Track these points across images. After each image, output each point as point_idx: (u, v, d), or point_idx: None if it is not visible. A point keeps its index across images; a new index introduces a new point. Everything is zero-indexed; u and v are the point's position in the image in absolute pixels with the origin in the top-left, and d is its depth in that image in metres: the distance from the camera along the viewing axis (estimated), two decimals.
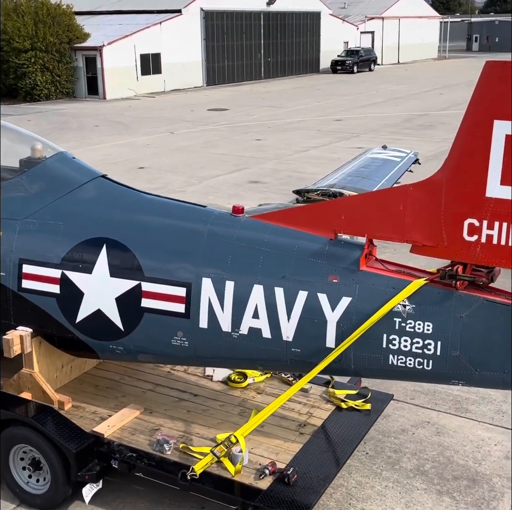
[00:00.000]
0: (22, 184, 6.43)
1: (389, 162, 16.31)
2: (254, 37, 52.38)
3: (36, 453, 5.99)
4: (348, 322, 5.35)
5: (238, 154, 22.71)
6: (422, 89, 43.42)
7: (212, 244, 5.78)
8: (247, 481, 5.59)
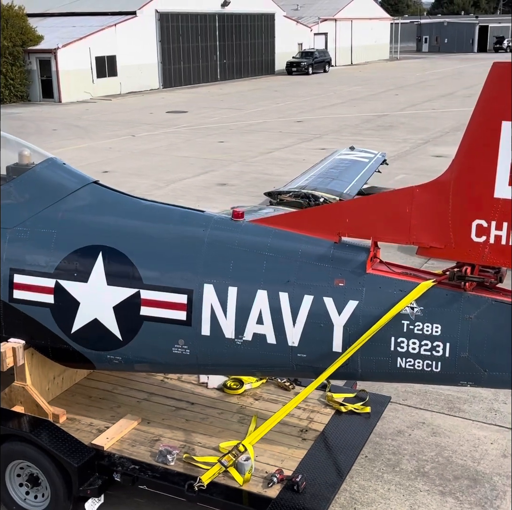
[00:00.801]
0: (10, 191, 6.22)
1: (358, 163, 16.42)
2: (210, 39, 52.24)
3: (35, 468, 5.80)
4: (355, 326, 5.30)
5: (202, 157, 22.57)
6: (377, 90, 43.84)
7: (213, 249, 5.68)
8: (256, 490, 5.50)
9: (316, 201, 13.85)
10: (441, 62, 70.42)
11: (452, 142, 24.28)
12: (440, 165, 20.63)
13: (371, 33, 75.01)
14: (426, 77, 52.67)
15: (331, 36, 69.29)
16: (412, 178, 18.97)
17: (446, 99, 38.12)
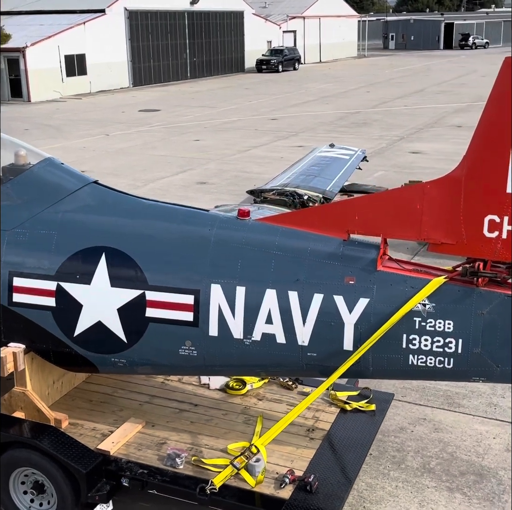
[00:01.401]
0: (8, 192, 6.07)
1: (339, 160, 16.42)
2: (179, 36, 51.97)
3: (40, 475, 5.68)
4: (366, 324, 5.27)
5: (179, 155, 22.42)
6: (348, 87, 44.00)
7: (220, 249, 5.60)
8: (268, 491, 5.44)
9: (301, 198, 13.82)
10: (409, 59, 70.94)
11: (427, 139, 24.53)
12: (417, 162, 20.90)
13: (339, 30, 75.25)
14: (395, 74, 53.02)
15: (300, 33, 69.40)
16: (391, 175, 19.08)
17: (417, 96, 38.39)
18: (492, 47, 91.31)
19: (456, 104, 33.97)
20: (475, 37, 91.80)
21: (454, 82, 45.59)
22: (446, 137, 24.92)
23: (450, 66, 59.73)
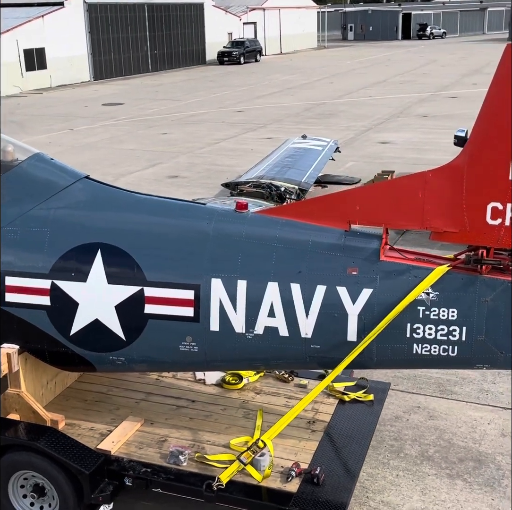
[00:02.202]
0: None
1: (312, 151, 16.44)
2: (140, 29, 51.41)
3: (40, 478, 5.56)
4: (370, 314, 5.25)
5: (148, 149, 22.19)
6: (311, 78, 44.02)
7: (220, 243, 5.53)
8: (275, 486, 5.40)
9: (278, 190, 13.81)
10: (368, 49, 71.29)
11: (394, 129, 24.68)
12: (386, 151, 21.01)
13: (298, 22, 75.23)
14: (357, 64, 53.22)
15: (260, 25, 69.19)
16: (362, 165, 19.15)
17: (380, 86, 38.58)
18: (449, 37, 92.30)
19: (420, 94, 34.24)
20: (433, 27, 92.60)
21: (415, 72, 45.92)
22: (413, 126, 25.09)
23: (409, 56, 60.16)
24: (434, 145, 21.54)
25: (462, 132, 13.69)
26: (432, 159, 19.58)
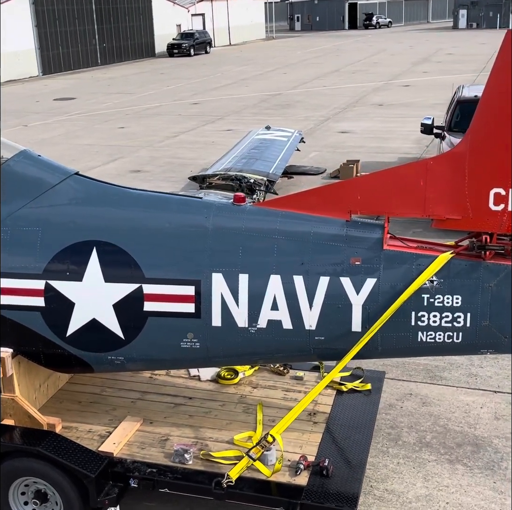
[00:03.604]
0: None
1: (278, 142, 16.43)
2: (87, 22, 50.56)
3: (42, 484, 5.41)
4: (375, 304, 5.24)
5: (106, 144, 21.85)
6: (264, 69, 43.94)
7: (219, 237, 5.44)
8: (284, 480, 5.36)
9: (248, 182, 13.74)
10: (317, 39, 71.51)
11: (353, 118, 24.81)
12: (348, 141, 21.11)
13: (246, 13, 74.97)
14: (308, 55, 53.32)
15: (208, 16, 68.77)
16: (326, 155, 19.20)
17: (333, 76, 38.74)
18: (395, 26, 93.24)
19: (373, 83, 34.49)
20: (379, 17, 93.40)
21: (366, 61, 46.26)
22: (370, 115, 25.26)
23: (358, 46, 60.58)
24: (393, 133, 21.73)
25: (428, 120, 13.82)
26: (393, 147, 19.80)
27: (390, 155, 18.68)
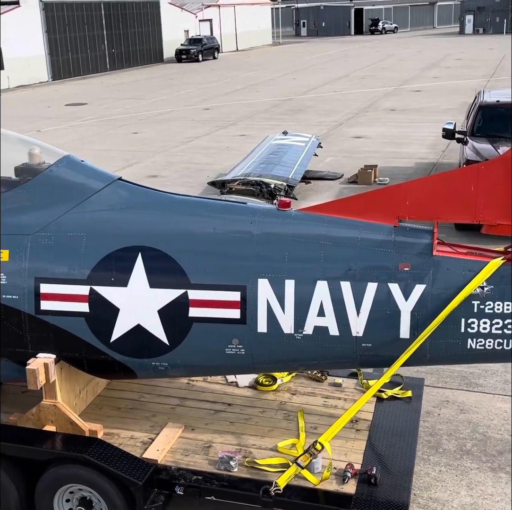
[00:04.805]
0: (27, 194, 5.70)
1: (296, 148, 16.42)
2: (96, 28, 50.72)
3: (88, 491, 5.37)
4: (424, 311, 5.19)
5: (121, 149, 21.86)
6: (273, 75, 43.96)
7: (265, 242, 5.40)
8: (332, 488, 5.31)
9: (268, 187, 13.73)
10: (323, 45, 71.60)
11: (366, 123, 24.78)
12: (363, 146, 21.09)
13: (253, 18, 75.19)
14: (316, 60, 53.36)
15: (216, 22, 68.94)
16: (341, 160, 19.17)
17: (343, 81, 38.76)
18: (401, 31, 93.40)
19: (383, 88, 34.48)
20: (385, 22, 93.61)
21: (375, 66, 46.27)
22: (383, 120, 25.24)
23: (366, 51, 60.63)
24: (408, 138, 21.70)
25: (450, 125, 13.78)
26: (409, 152, 19.76)
27: (406, 160, 18.65)
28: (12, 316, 5.60)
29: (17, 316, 5.61)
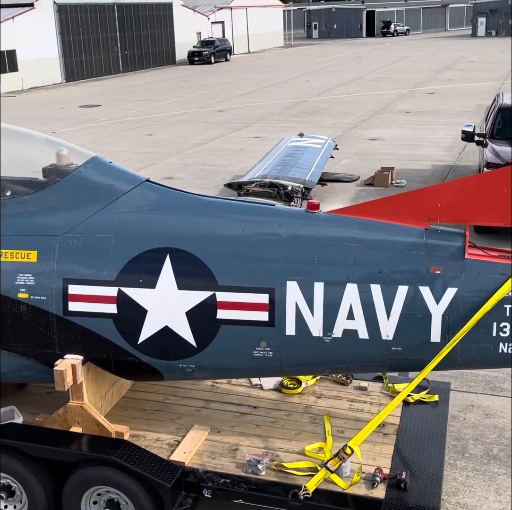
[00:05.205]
0: (55, 195, 5.69)
1: (312, 150, 16.39)
2: (110, 30, 50.86)
3: (115, 494, 5.34)
4: (455, 314, 5.15)
5: (136, 151, 21.88)
6: (286, 77, 43.92)
7: (294, 244, 5.37)
8: (361, 492, 5.26)
9: (285, 189, 13.70)
10: (335, 47, 71.50)
11: (381, 125, 24.71)
12: (378, 148, 21.02)
13: (265, 20, 75.16)
14: (328, 62, 53.30)
15: (228, 24, 68.97)
16: (357, 162, 19.12)
17: (356, 83, 38.69)
18: (413, 33, 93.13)
19: (397, 90, 34.39)
20: (396, 24, 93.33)
21: (388, 69, 46.19)
22: (398, 123, 25.17)
23: (378, 54, 60.52)
24: (424, 140, 21.62)
25: (469, 127, 13.71)
26: (426, 155, 19.69)
27: (423, 163, 18.57)
28: (40, 317, 5.59)
29: (45, 317, 5.60)
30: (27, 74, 42.98)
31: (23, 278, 5.57)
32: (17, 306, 5.59)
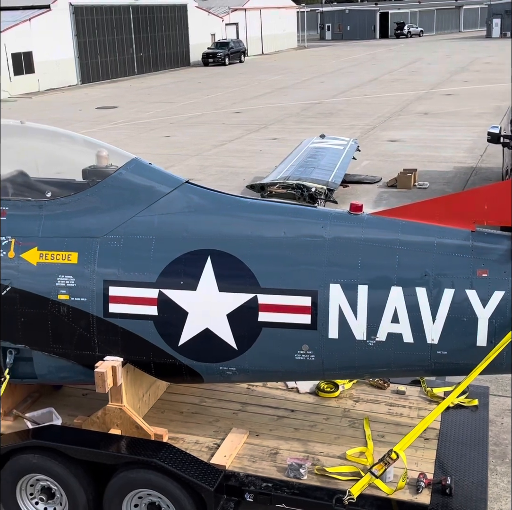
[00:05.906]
0: (96, 197, 5.67)
1: (334, 151, 16.31)
2: (125, 31, 50.99)
3: (157, 497, 5.30)
4: (502, 318, 5.07)
5: (154, 152, 21.86)
6: (301, 78, 43.89)
7: (337, 246, 5.31)
8: (405, 498, 5.20)
9: (309, 191, 13.65)
10: (350, 49, 71.37)
11: (400, 127, 24.61)
12: (399, 150, 20.95)
13: (279, 22, 75.19)
14: (343, 64, 53.20)
15: (242, 26, 69.02)
16: (378, 164, 19.04)
17: (372, 84, 38.58)
18: (427, 35, 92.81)
19: (414, 92, 34.27)
20: (410, 26, 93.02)
21: (403, 70, 46.04)
22: (417, 124, 25.06)
23: (393, 55, 60.36)
24: (444, 142, 21.52)
25: (495, 129, 13.60)
26: (446, 156, 19.59)
27: (444, 164, 18.47)
28: (80, 318, 5.57)
29: (85, 318, 5.58)
30: (43, 75, 43.15)
31: (63, 279, 5.55)
32: (58, 308, 5.57)
